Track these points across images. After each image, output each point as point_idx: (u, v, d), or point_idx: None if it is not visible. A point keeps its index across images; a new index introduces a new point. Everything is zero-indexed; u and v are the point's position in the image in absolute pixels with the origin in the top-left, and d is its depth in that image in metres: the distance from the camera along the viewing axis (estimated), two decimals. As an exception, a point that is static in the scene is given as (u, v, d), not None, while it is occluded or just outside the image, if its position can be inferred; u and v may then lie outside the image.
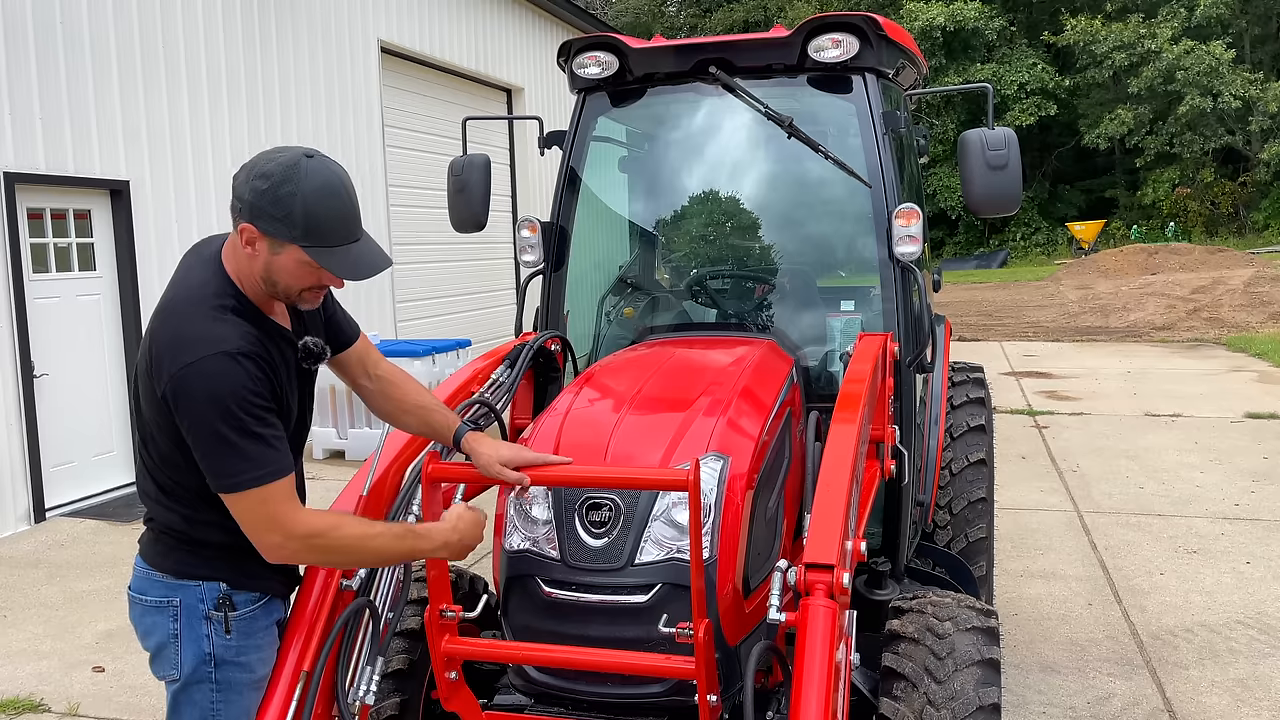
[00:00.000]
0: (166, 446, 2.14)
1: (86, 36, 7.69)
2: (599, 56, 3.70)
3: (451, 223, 3.92)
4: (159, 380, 2.06)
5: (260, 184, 2.03)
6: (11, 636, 5.20)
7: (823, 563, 2.11)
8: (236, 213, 2.08)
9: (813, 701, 1.98)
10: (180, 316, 2.10)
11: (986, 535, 4.25)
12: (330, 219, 2.06)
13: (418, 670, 2.92)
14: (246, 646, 2.22)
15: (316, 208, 2.04)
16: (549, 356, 3.59)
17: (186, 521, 2.19)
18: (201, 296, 2.12)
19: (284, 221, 2.03)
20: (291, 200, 2.02)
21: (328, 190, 2.06)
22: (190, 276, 2.19)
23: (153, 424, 2.15)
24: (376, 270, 2.15)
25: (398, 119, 11.82)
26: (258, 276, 2.13)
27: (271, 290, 2.15)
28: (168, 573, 2.21)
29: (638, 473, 2.44)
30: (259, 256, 2.09)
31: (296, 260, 2.08)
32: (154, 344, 2.10)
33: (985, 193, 3.35)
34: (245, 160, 2.14)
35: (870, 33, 3.44)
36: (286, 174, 2.03)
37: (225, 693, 2.21)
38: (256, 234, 2.06)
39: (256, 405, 2.04)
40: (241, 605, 2.21)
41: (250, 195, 2.04)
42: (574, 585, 2.46)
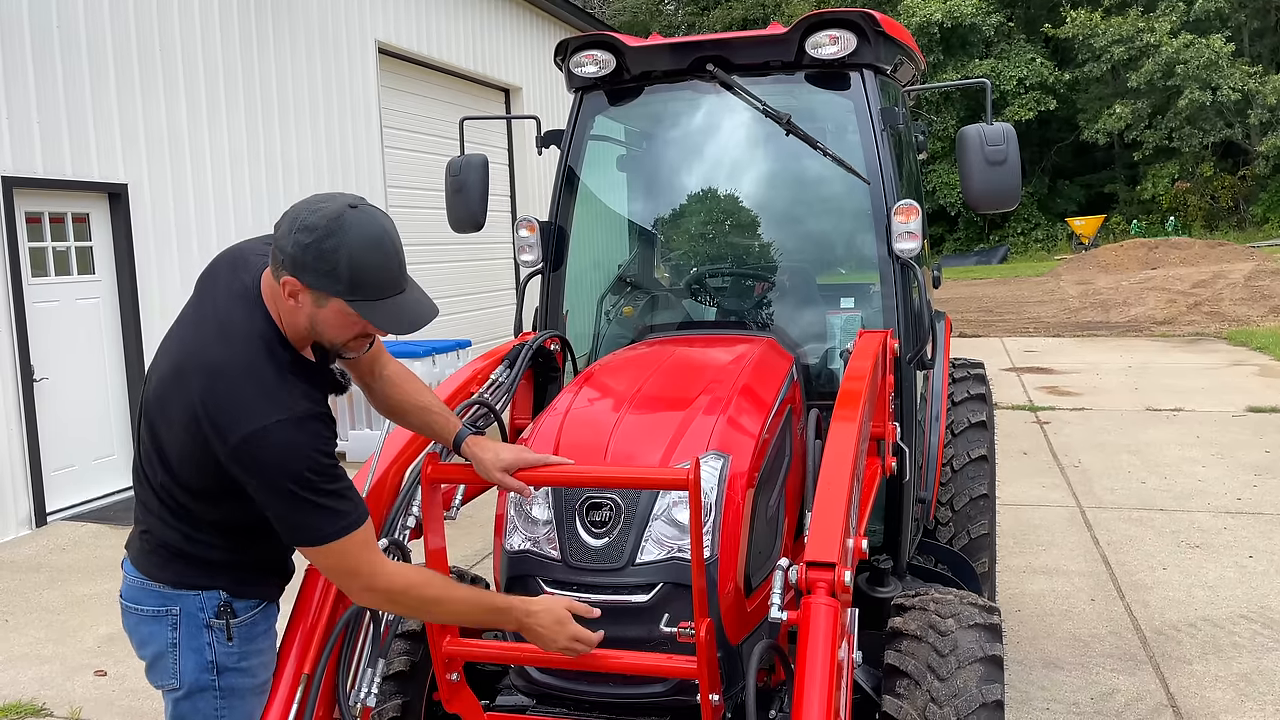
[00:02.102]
0: (199, 482, 2.10)
1: (83, 39, 7.68)
2: (596, 55, 3.69)
3: (450, 223, 3.91)
4: (218, 440, 1.99)
5: (303, 237, 1.96)
6: (13, 641, 5.20)
7: (824, 561, 2.10)
8: (278, 263, 2.01)
9: (815, 700, 1.97)
10: (238, 377, 2.02)
11: (988, 531, 4.24)
12: (375, 272, 2.00)
13: (419, 672, 2.91)
14: (249, 652, 2.21)
15: (361, 261, 1.97)
16: (548, 356, 3.58)
17: (188, 540, 2.16)
18: (256, 356, 2.05)
19: (328, 276, 1.96)
20: (336, 254, 1.95)
21: (372, 243, 1.99)
22: (235, 322, 2.09)
23: (178, 456, 2.10)
24: (423, 322, 2.08)
25: (396, 119, 11.81)
26: (301, 328, 2.08)
27: (315, 340, 2.12)
28: (165, 583, 2.18)
29: (638, 472, 2.43)
30: (302, 309, 2.04)
31: (341, 313, 2.02)
32: (205, 397, 2.01)
33: (984, 188, 3.35)
34: (243, 162, 2.12)
35: (868, 29, 3.43)
36: (330, 227, 1.96)
37: (229, 699, 2.20)
38: (300, 287, 1.99)
39: (326, 464, 2.01)
40: (242, 612, 2.20)
41: (293, 249, 1.97)
42: (575, 585, 2.45)
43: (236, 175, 9.16)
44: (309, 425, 2.01)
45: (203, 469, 2.06)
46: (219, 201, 8.97)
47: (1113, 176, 35.84)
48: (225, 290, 2.15)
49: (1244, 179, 32.80)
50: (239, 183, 9.19)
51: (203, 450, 2.02)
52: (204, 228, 8.79)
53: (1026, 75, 32.95)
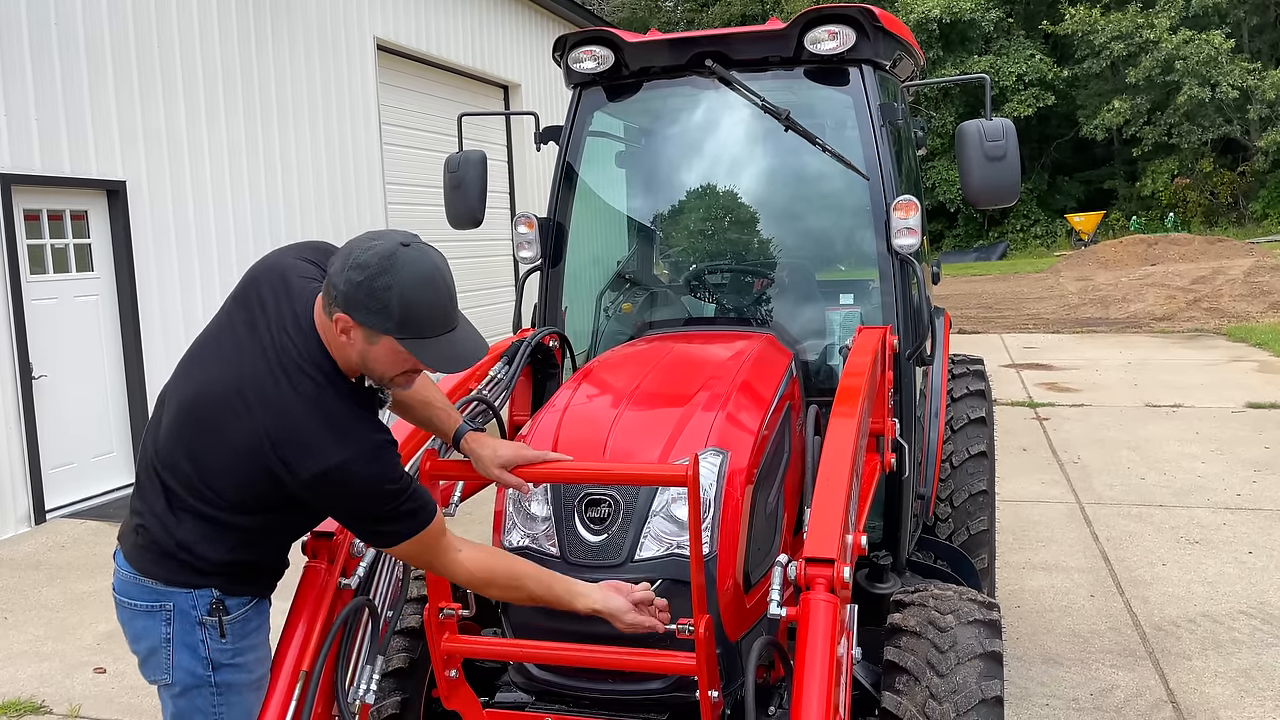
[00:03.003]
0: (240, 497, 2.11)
1: (81, 36, 7.66)
2: (594, 51, 3.68)
3: (448, 219, 3.90)
4: (290, 476, 2.03)
5: (356, 275, 1.98)
6: (13, 638, 5.20)
7: (823, 557, 2.10)
8: (332, 300, 2.03)
9: (814, 696, 1.97)
10: (307, 412, 2.05)
11: (988, 528, 4.24)
12: (427, 310, 2.03)
13: (418, 669, 2.91)
14: (243, 648, 2.22)
15: (413, 300, 2.00)
16: (547, 353, 3.58)
17: (180, 545, 2.15)
18: (319, 386, 2.07)
19: (380, 314, 1.99)
20: (388, 293, 1.97)
21: (425, 281, 2.02)
22: (294, 354, 2.09)
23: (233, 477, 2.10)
24: (474, 361, 2.12)
25: (394, 116, 11.79)
26: (353, 362, 2.10)
27: (366, 374, 2.14)
28: (157, 580, 2.18)
29: (636, 469, 2.43)
30: (354, 345, 2.06)
31: (392, 350, 2.05)
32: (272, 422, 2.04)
33: (984, 184, 3.34)
34: (241, 159, 2.13)
35: (867, 24, 3.42)
36: (383, 265, 1.98)
37: (226, 695, 2.20)
38: (351, 324, 2.02)
39: (402, 485, 2.09)
40: (234, 608, 2.20)
41: (345, 286, 1.99)
42: None
43: (235, 171, 9.15)
44: (383, 456, 2.08)
45: (254, 490, 2.09)
46: (217, 198, 8.96)
47: (1112, 173, 35.83)
48: (276, 317, 2.15)
49: (1243, 175, 32.78)
50: (237, 179, 9.18)
51: (266, 477, 2.06)
52: (203, 224, 8.77)
53: (1026, 71, 32.92)
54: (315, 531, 2.43)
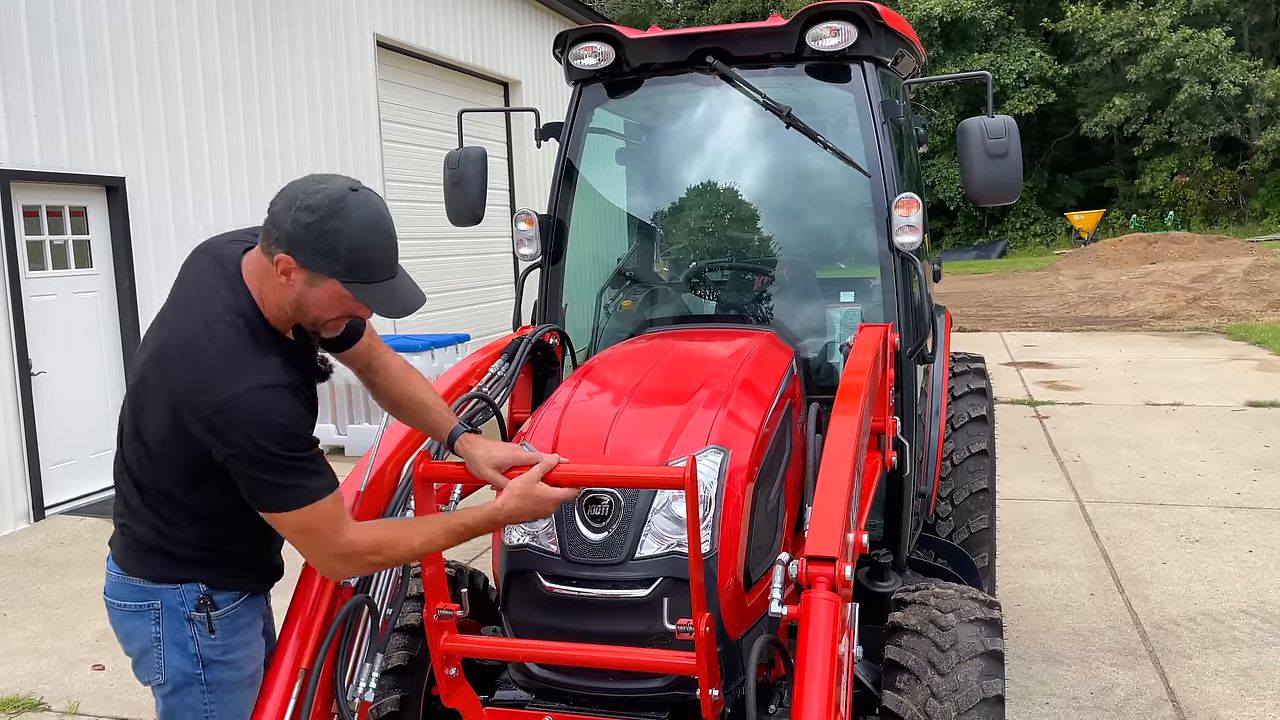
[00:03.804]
0: (179, 467, 2.10)
1: (80, 32, 7.65)
2: (595, 47, 3.67)
3: (448, 216, 3.89)
4: (193, 415, 2.00)
5: (305, 216, 1.98)
6: (11, 635, 5.19)
7: (824, 555, 2.09)
8: (273, 240, 2.02)
9: (815, 695, 1.96)
10: (214, 352, 2.03)
11: (988, 526, 4.23)
12: (374, 255, 2.03)
13: (418, 666, 2.90)
14: (233, 644, 2.20)
15: (362, 244, 2.00)
16: (547, 350, 3.57)
17: (165, 533, 2.16)
18: (234, 332, 2.05)
19: (327, 256, 1.99)
20: (338, 236, 1.98)
21: (373, 226, 2.03)
22: (216, 303, 2.09)
23: (158, 443, 2.10)
24: (414, 308, 2.12)
25: (394, 113, 11.77)
26: (286, 305, 2.09)
27: (297, 318, 2.12)
28: (144, 578, 2.17)
29: (633, 472, 2.42)
30: (293, 287, 2.04)
31: (333, 294, 2.05)
32: (182, 374, 2.03)
33: (985, 181, 3.33)
34: (241, 156, 2.13)
35: (869, 21, 3.41)
36: (333, 208, 1.99)
37: (217, 693, 2.19)
38: (294, 265, 2.01)
39: (298, 433, 2.03)
40: (223, 604, 2.19)
41: (293, 227, 1.98)
42: (574, 580, 2.45)
43: (234, 168, 9.13)
44: (284, 394, 2.02)
45: (182, 451, 2.05)
46: (217, 194, 8.94)
47: (1112, 171, 35.82)
48: (208, 275, 2.15)
49: (1243, 173, 32.78)
50: (236, 176, 9.16)
51: (180, 428, 2.02)
52: (202, 220, 8.76)
53: (1026, 69, 32.91)
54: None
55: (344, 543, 2.08)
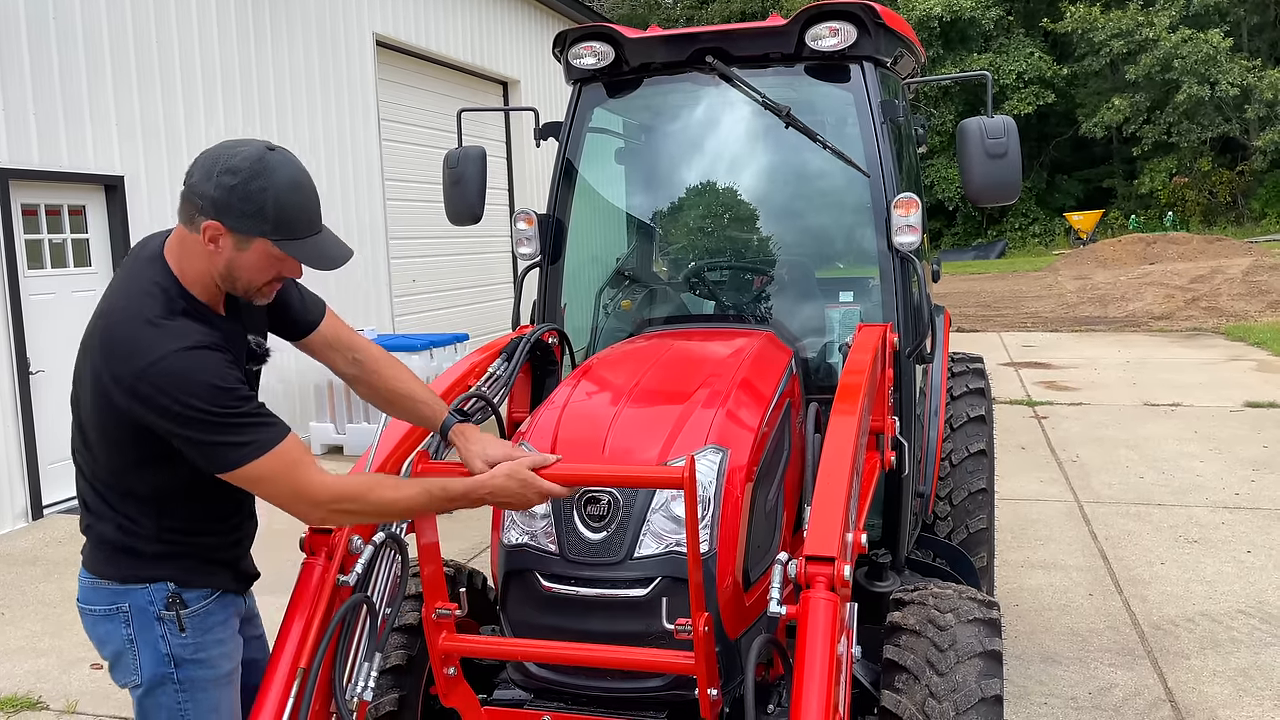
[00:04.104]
0: (110, 452, 2.11)
1: (79, 30, 7.64)
2: (595, 47, 3.67)
3: (447, 215, 3.89)
4: (116, 386, 1.99)
5: (228, 179, 1.99)
6: (9, 634, 5.18)
7: (823, 555, 2.09)
8: (197, 210, 2.02)
9: (814, 695, 1.96)
10: (131, 322, 2.02)
11: (987, 526, 4.24)
12: (299, 211, 2.05)
13: (416, 665, 2.90)
14: (205, 643, 2.20)
15: (287, 201, 2.03)
16: (546, 349, 3.57)
17: (125, 530, 2.15)
18: (150, 301, 2.05)
19: (254, 217, 2.01)
20: (263, 195, 2.00)
21: (295, 184, 2.05)
22: (134, 281, 2.11)
23: (95, 430, 2.10)
24: (344, 260, 2.14)
25: (393, 112, 11.76)
26: (216, 274, 2.09)
27: (229, 286, 2.12)
28: (112, 579, 2.17)
29: (632, 471, 2.42)
30: (222, 254, 2.05)
31: (263, 254, 2.06)
32: (103, 351, 2.04)
33: (984, 182, 3.33)
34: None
35: (868, 21, 3.41)
36: (255, 169, 2.00)
37: (190, 692, 2.18)
38: (222, 230, 2.02)
39: (230, 388, 2.00)
40: (193, 602, 2.18)
41: (217, 192, 1.99)
42: (572, 580, 2.45)
43: (233, 168, 9.11)
44: (205, 353, 2.00)
45: (116, 430, 2.06)
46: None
47: (1111, 171, 35.85)
48: (133, 262, 2.18)
49: (1242, 174, 32.81)
50: (236, 175, 9.14)
51: (109, 405, 2.02)
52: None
53: (1025, 69, 32.95)
54: (313, 527, 2.42)
55: (308, 483, 2.06)
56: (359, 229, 10.88)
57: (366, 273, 11.01)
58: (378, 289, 11.24)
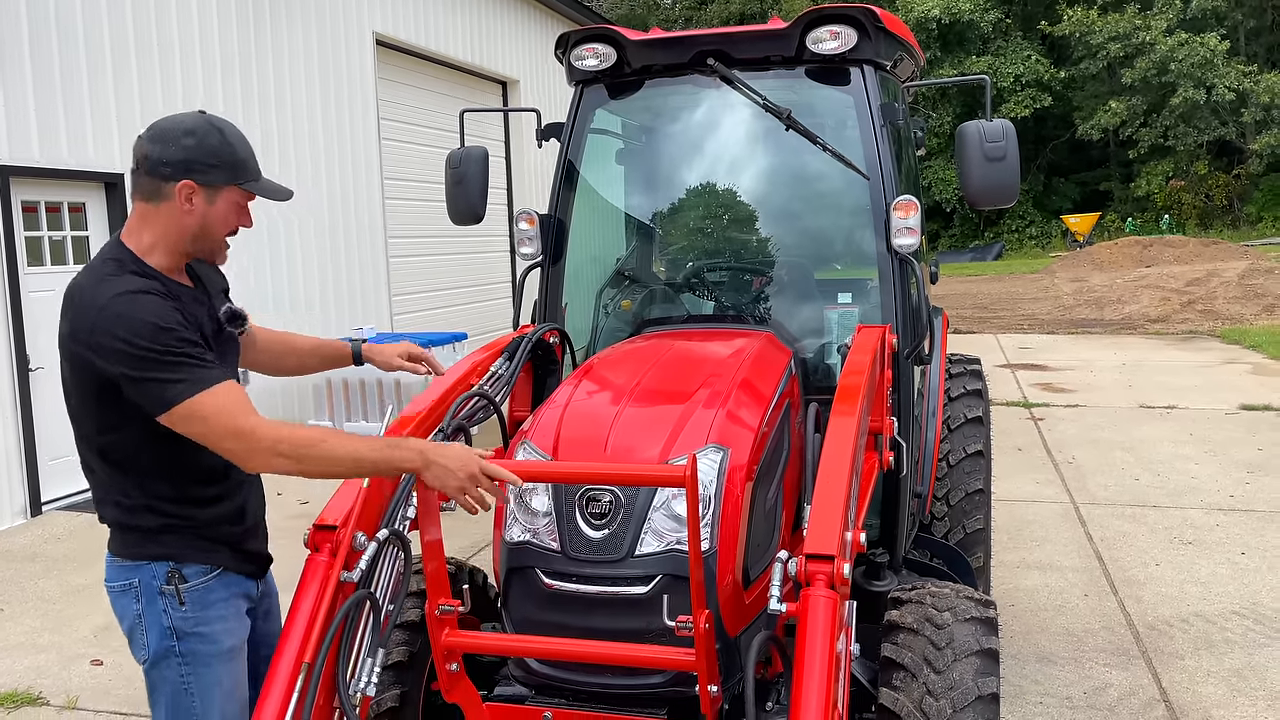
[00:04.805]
0: (86, 420, 2.28)
1: (80, 28, 7.65)
2: (597, 48, 3.69)
3: (449, 215, 3.91)
4: (77, 346, 2.17)
5: (188, 140, 2.24)
6: (9, 630, 5.20)
7: (823, 553, 2.12)
8: (163, 179, 2.23)
9: (814, 691, 1.98)
10: (86, 286, 2.21)
11: (984, 526, 4.26)
12: (248, 157, 2.34)
13: (418, 662, 2.92)
14: (205, 617, 2.30)
15: (239, 149, 2.31)
16: (547, 349, 3.59)
17: (120, 509, 2.30)
18: (104, 268, 2.24)
19: (219, 168, 2.26)
20: (221, 148, 2.27)
21: (238, 134, 2.34)
22: (94, 262, 2.31)
23: (75, 398, 2.27)
24: (288, 195, 2.47)
25: (393, 111, 11.78)
26: (188, 235, 2.29)
27: (197, 246, 2.32)
28: (123, 557, 2.32)
29: (634, 470, 2.44)
30: (195, 212, 2.26)
31: (230, 203, 2.31)
32: (65, 316, 2.22)
33: (983, 184, 3.36)
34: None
35: (869, 25, 3.44)
36: (205, 129, 2.27)
37: (193, 665, 2.29)
38: (195, 188, 2.25)
39: (171, 328, 2.15)
40: (192, 577, 2.30)
41: (181, 154, 2.23)
42: (574, 577, 2.47)
43: (233, 166, 9.11)
44: (148, 297, 2.17)
45: (83, 390, 2.23)
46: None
47: (1108, 174, 35.93)
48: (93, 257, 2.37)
49: (1238, 178, 32.90)
50: (235, 173, 9.15)
51: (76, 366, 2.21)
52: (200, 218, 8.76)
53: (1023, 72, 33.01)
54: (317, 525, 2.44)
55: (248, 424, 2.15)
56: (358, 228, 10.90)
57: (365, 272, 11.03)
58: (376, 288, 11.26)
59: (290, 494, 7.38)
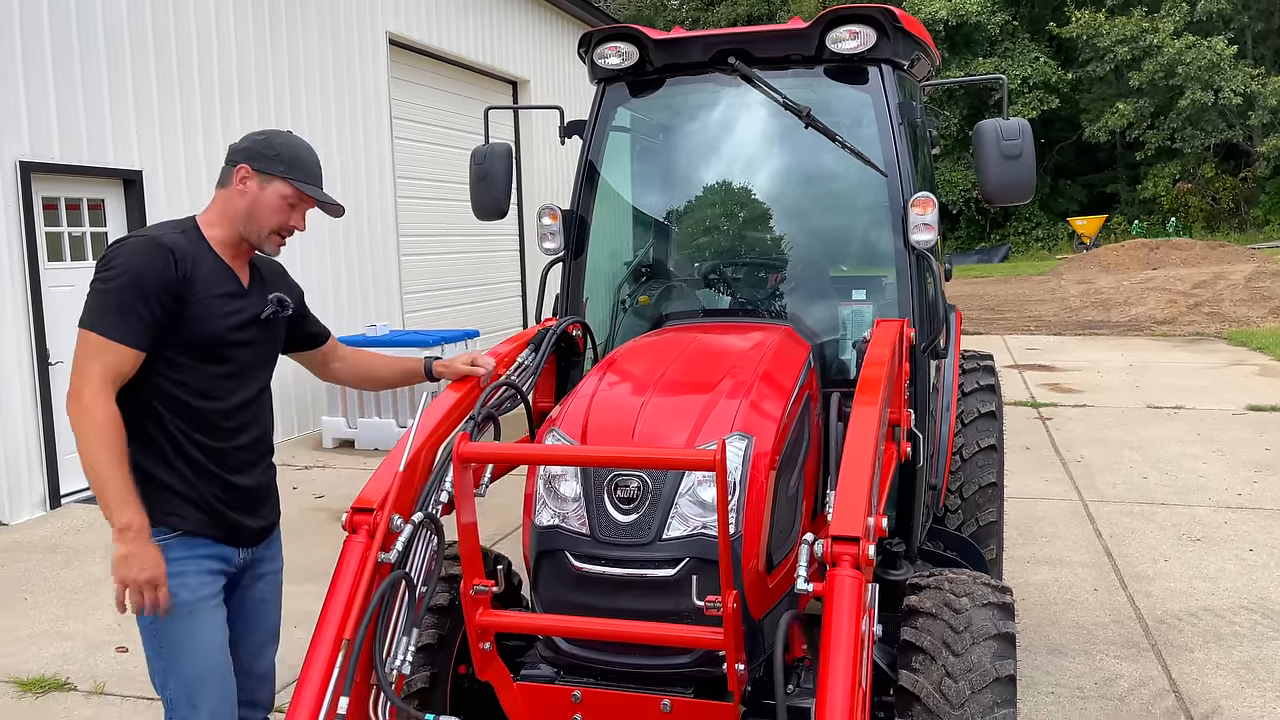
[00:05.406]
0: None
1: (100, 28, 7.74)
2: (620, 47, 3.76)
3: (474, 210, 3.98)
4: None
5: (256, 135, 2.62)
6: (34, 618, 5.28)
7: (849, 535, 2.18)
8: (231, 164, 2.59)
9: (840, 666, 2.05)
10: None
11: (996, 519, 4.33)
12: (306, 163, 2.63)
13: (446, 645, 2.99)
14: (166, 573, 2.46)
15: (298, 151, 2.63)
16: (571, 341, 3.66)
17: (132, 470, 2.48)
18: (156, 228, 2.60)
19: (273, 159, 2.57)
20: (280, 144, 2.60)
21: (304, 145, 2.68)
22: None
23: None
24: (341, 211, 2.70)
25: (405, 110, 11.86)
26: (239, 216, 2.57)
27: (247, 229, 2.59)
28: None
29: (666, 454, 2.51)
30: (248, 193, 2.57)
31: (278, 195, 2.57)
32: None
33: (1000, 182, 3.43)
34: None
35: (887, 25, 3.51)
36: (274, 132, 2.65)
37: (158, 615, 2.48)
38: (250, 172, 2.56)
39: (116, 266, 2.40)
40: (154, 536, 2.47)
41: (248, 143, 2.59)
42: (603, 560, 2.53)
43: (248, 164, 9.20)
44: (146, 240, 2.47)
45: None
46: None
47: (1114, 176, 35.92)
48: None
49: (1245, 180, 32.88)
50: (251, 171, 9.23)
51: None
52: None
53: (1030, 74, 33.03)
54: (355, 507, 2.52)
55: (82, 382, 2.36)
56: (370, 225, 10.98)
57: (378, 270, 11.11)
58: (389, 285, 11.34)
59: (305, 489, 7.46)
